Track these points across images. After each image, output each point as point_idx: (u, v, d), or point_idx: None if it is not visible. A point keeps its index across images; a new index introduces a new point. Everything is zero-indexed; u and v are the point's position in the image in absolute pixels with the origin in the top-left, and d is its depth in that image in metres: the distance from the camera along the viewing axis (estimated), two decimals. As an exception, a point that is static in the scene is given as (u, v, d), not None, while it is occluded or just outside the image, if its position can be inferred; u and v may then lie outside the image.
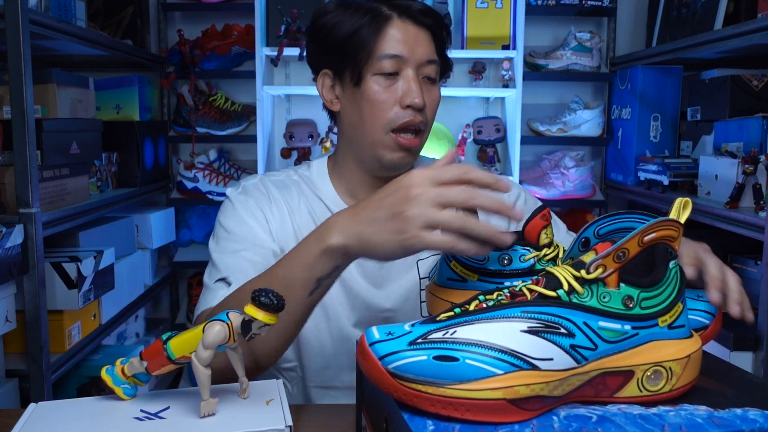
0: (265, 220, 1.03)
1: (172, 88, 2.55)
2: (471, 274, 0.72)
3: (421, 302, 1.06)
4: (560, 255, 0.71)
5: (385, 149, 0.99)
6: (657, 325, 0.59)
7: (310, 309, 0.81)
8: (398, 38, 0.97)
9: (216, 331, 0.63)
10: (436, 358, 0.54)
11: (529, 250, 0.70)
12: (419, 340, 0.56)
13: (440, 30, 1.01)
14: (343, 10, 0.99)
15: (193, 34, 2.51)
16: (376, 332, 0.58)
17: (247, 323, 0.64)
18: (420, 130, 0.99)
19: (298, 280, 0.76)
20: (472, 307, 0.59)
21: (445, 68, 1.06)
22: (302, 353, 1.08)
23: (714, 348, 1.62)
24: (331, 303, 1.05)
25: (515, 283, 0.61)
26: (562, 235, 1.13)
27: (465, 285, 0.72)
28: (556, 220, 1.14)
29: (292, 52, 2.27)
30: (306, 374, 1.09)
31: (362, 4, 0.99)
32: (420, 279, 1.06)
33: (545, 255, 0.70)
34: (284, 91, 2.46)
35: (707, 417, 0.56)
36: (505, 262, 0.70)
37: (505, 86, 2.34)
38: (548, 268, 0.61)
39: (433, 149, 2.46)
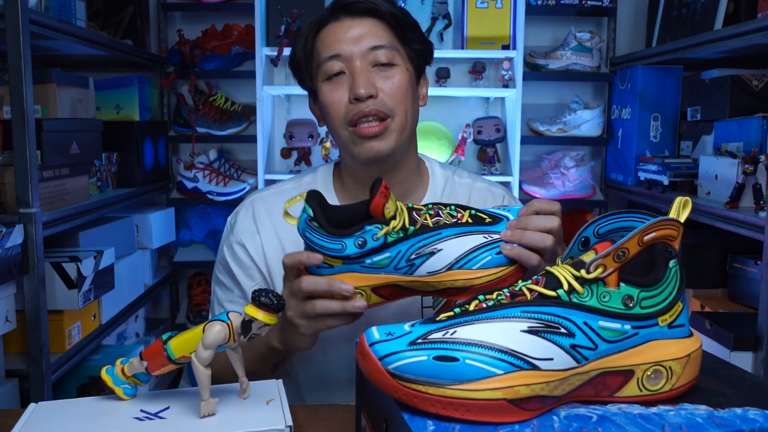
0: (246, 254, 1.07)
1: (172, 88, 2.55)
2: (335, 261, 0.77)
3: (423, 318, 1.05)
4: (406, 221, 0.76)
5: (352, 145, 0.98)
6: (657, 324, 0.59)
7: (279, 373, 0.98)
8: (333, 38, 0.97)
9: (216, 331, 0.63)
10: (436, 358, 0.54)
11: (378, 228, 0.75)
12: (419, 341, 0.56)
13: (386, 14, 0.98)
14: (304, 28, 1.02)
15: (193, 34, 2.51)
16: (375, 332, 0.58)
17: (247, 323, 0.64)
18: (383, 118, 0.96)
19: (259, 364, 0.95)
20: (471, 307, 0.59)
21: (418, 49, 1.02)
22: (298, 368, 1.08)
23: (714, 348, 1.62)
24: None
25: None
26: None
27: (333, 270, 0.78)
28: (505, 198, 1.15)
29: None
30: (303, 388, 1.09)
31: (315, 18, 1.01)
32: (422, 296, 1.05)
33: (393, 228, 0.75)
34: (284, 91, 2.45)
35: (707, 417, 0.56)
36: (360, 243, 0.75)
37: (505, 86, 2.34)
38: (548, 268, 0.61)
39: (433, 149, 2.46)
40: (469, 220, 0.78)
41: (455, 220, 0.77)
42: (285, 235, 1.06)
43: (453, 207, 0.79)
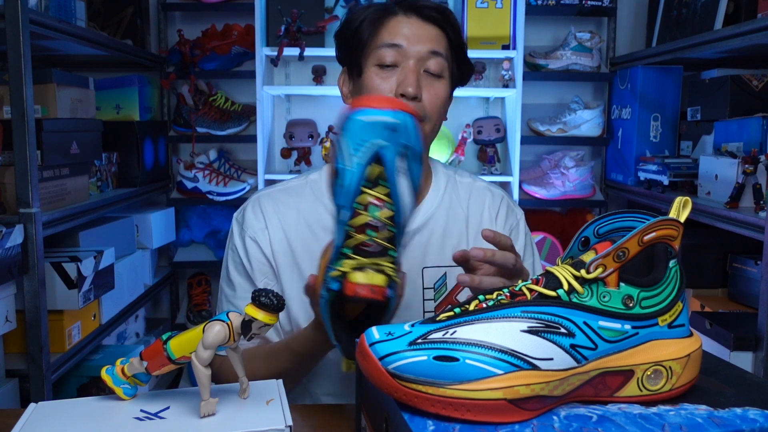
0: (258, 249, 1.07)
1: (172, 88, 2.55)
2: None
3: (424, 312, 1.05)
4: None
5: None
6: (657, 324, 0.59)
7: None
8: (399, 29, 0.99)
9: (216, 331, 0.63)
10: (436, 358, 0.54)
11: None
12: (419, 341, 0.55)
13: (450, 27, 1.02)
14: (363, 9, 1.03)
15: (193, 34, 2.51)
16: (375, 332, 0.58)
17: (247, 323, 0.64)
18: (419, 120, 0.99)
19: (308, 364, 0.97)
20: (472, 307, 0.59)
21: (462, 70, 1.07)
22: None
23: (714, 348, 1.62)
24: None
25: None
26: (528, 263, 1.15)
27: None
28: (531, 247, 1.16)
29: (292, 52, 2.27)
30: (308, 380, 1.09)
31: (379, 2, 1.02)
32: (423, 288, 1.05)
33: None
34: (284, 91, 2.46)
35: (707, 416, 0.56)
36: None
37: (505, 86, 2.34)
38: (548, 268, 0.61)
39: (433, 149, 2.45)
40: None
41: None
42: (291, 231, 1.07)
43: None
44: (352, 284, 0.71)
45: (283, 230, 1.07)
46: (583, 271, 0.58)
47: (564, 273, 0.59)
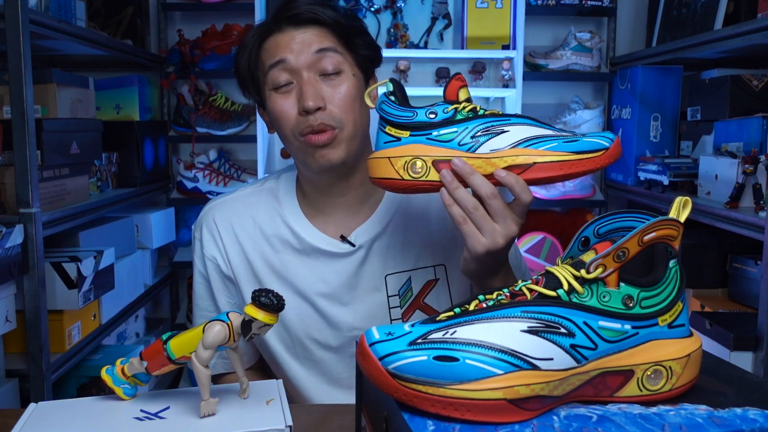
0: (216, 268, 1.07)
1: (172, 88, 2.55)
2: (403, 132, 0.80)
3: (391, 319, 1.02)
4: (478, 110, 0.80)
5: (304, 155, 0.97)
6: (657, 324, 0.59)
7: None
8: (277, 45, 0.96)
9: (216, 331, 0.63)
10: (436, 358, 0.54)
11: (450, 104, 0.80)
12: (419, 341, 0.55)
13: (326, 21, 0.96)
14: (244, 39, 1.02)
15: (193, 34, 2.51)
16: (375, 332, 0.58)
17: (247, 323, 0.64)
18: (329, 129, 0.94)
19: None
20: (472, 307, 0.59)
21: (366, 51, 1.00)
22: (300, 370, 1.06)
23: (714, 348, 1.62)
24: (296, 323, 1.03)
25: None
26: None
27: (399, 143, 0.80)
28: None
29: (292, 52, 2.27)
30: (308, 390, 1.07)
31: (258, 30, 1.01)
32: (388, 296, 1.02)
33: (464, 107, 0.79)
34: (284, 91, 2.45)
35: (707, 416, 0.56)
36: (430, 114, 0.79)
37: (505, 86, 2.34)
38: (548, 268, 0.61)
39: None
40: None
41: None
42: (247, 243, 1.05)
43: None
44: None
45: (239, 243, 1.05)
46: (583, 271, 0.58)
47: (564, 273, 0.59)
